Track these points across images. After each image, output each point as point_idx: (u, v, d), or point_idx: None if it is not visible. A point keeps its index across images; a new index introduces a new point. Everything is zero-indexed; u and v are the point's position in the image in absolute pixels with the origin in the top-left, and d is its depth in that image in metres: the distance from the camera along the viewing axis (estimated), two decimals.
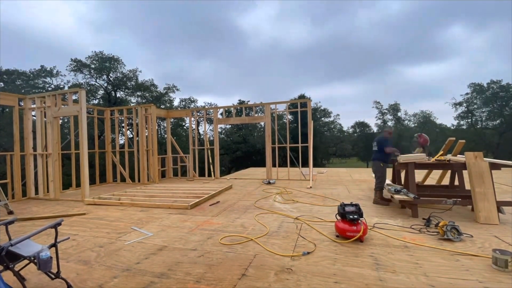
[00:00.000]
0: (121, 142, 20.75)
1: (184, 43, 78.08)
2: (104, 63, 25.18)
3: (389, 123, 41.90)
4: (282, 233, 3.75)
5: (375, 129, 44.37)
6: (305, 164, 11.66)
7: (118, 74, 26.46)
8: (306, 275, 2.51)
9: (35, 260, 2.13)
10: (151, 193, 7.15)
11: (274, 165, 10.18)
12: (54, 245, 2.39)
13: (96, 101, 25.70)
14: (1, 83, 21.51)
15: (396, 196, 4.67)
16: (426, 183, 6.56)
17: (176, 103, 31.94)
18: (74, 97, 7.10)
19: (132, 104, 25.48)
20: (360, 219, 3.41)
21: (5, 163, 7.20)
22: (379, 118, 43.20)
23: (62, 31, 51.64)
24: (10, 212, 5.49)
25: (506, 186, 7.08)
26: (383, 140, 5.45)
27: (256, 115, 19.90)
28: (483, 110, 33.91)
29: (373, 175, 5.65)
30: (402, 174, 6.12)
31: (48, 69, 23.78)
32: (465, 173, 4.72)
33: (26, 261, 2.26)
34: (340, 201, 5.18)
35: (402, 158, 4.81)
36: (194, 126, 11.76)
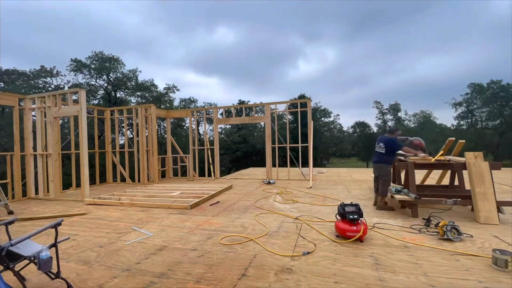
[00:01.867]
0: (121, 142, 20.74)
1: None
2: (104, 63, 25.19)
3: (389, 123, 41.94)
4: (282, 233, 3.75)
5: (375, 129, 44.43)
6: (305, 164, 11.67)
7: (118, 74, 26.46)
8: (306, 275, 2.51)
9: (35, 260, 2.13)
10: (151, 193, 7.15)
11: (274, 165, 10.18)
12: (54, 245, 2.39)
13: (96, 101, 25.70)
14: (1, 83, 21.51)
15: (397, 196, 4.67)
16: (426, 183, 6.56)
17: (176, 103, 31.96)
18: (74, 97, 7.10)
19: (132, 104, 25.49)
20: (360, 219, 3.41)
21: (5, 163, 7.20)
22: (379, 118, 43.30)
23: None
24: (10, 212, 5.49)
25: (506, 186, 7.08)
26: (395, 142, 4.95)
27: (256, 115, 19.90)
28: (483, 110, 33.95)
29: (373, 176, 5.53)
30: (402, 174, 6.12)
31: (48, 69, 23.79)
32: (465, 173, 4.72)
33: (26, 261, 2.26)
34: (340, 201, 5.19)
35: (412, 158, 4.80)
36: (194, 126, 11.76)
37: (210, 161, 10.78)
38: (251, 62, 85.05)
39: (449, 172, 5.72)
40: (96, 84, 26.03)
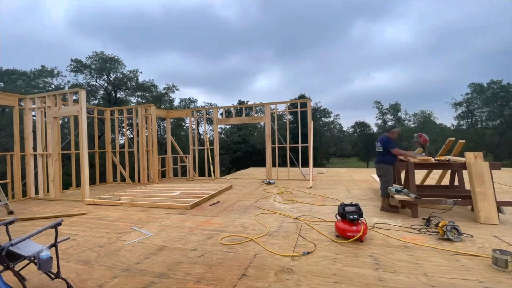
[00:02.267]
0: (121, 142, 20.77)
1: None
2: (104, 64, 25.20)
3: (389, 123, 41.93)
4: (282, 233, 3.75)
5: (375, 129, 44.43)
6: (305, 164, 11.66)
7: (118, 75, 26.48)
8: (306, 275, 2.51)
9: (35, 260, 2.14)
10: (151, 193, 7.15)
11: (274, 165, 10.18)
12: (54, 245, 2.39)
13: (96, 101, 25.73)
14: (1, 83, 21.52)
15: (397, 196, 4.67)
16: (426, 183, 6.56)
17: (176, 103, 31.99)
18: (74, 97, 7.10)
19: (132, 104, 25.49)
20: (360, 219, 3.41)
21: (5, 163, 7.20)
22: (379, 118, 43.28)
23: None
24: (10, 212, 5.49)
25: (506, 186, 7.08)
26: (389, 141, 4.96)
27: (256, 115, 19.89)
28: (483, 110, 33.95)
29: (376, 178, 5.54)
30: (402, 174, 6.12)
31: (48, 69, 23.80)
32: (465, 173, 4.72)
33: (26, 261, 2.26)
34: (340, 201, 5.19)
35: (420, 159, 4.77)
36: (194, 126, 11.76)
37: (210, 161, 10.78)
38: (216, 75, 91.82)
39: (449, 172, 5.72)
40: (96, 84, 26.06)
